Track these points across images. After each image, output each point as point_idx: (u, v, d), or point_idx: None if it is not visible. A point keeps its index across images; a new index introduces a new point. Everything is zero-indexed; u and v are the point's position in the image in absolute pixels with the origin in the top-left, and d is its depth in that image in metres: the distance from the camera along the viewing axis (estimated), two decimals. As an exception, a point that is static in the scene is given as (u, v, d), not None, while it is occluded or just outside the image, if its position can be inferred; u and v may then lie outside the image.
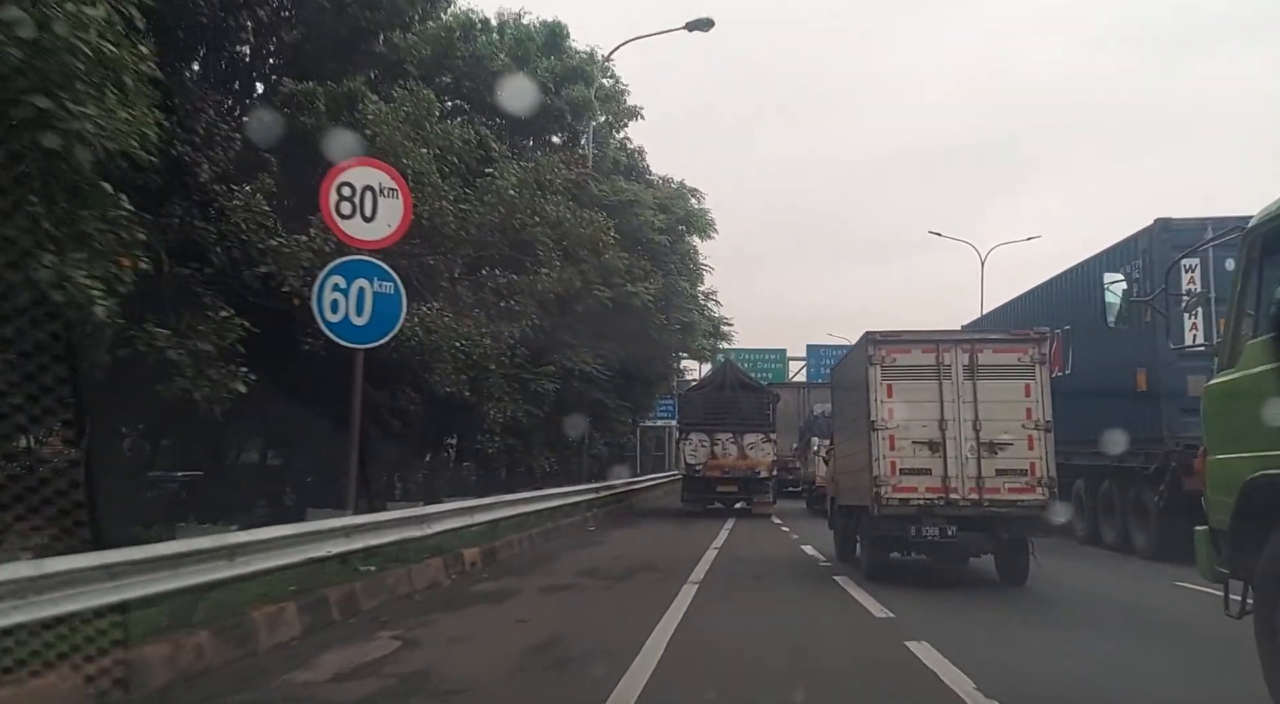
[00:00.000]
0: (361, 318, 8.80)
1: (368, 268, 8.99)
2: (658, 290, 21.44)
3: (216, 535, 6.74)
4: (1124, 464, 13.09)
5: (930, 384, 9.97)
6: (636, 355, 22.70)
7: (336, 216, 8.86)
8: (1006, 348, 10.02)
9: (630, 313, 20.61)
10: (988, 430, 9.75)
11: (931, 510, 9.72)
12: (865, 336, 10.31)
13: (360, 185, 8.90)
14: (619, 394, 23.23)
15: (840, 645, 6.98)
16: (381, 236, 9.04)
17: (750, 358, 41.90)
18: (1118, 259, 13.38)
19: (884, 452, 9.87)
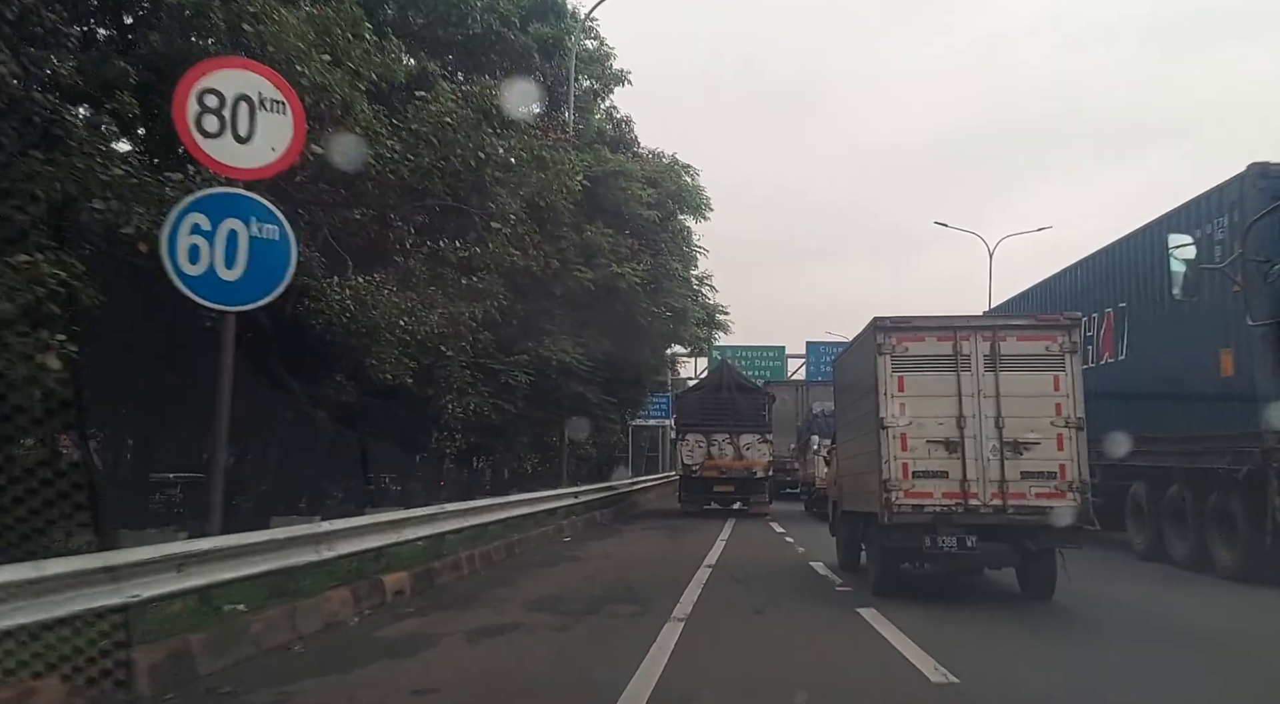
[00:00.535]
0: (233, 271, 6.77)
1: (243, 204, 6.92)
2: (646, 272, 20.02)
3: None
4: (1200, 465, 11.19)
5: (947, 376, 9.13)
6: (623, 345, 21.32)
7: (196, 134, 6.79)
8: (1033, 335, 9.09)
9: (615, 297, 19.28)
10: (1012, 428, 8.91)
11: (949, 518, 8.85)
12: (873, 323, 9.35)
13: (231, 94, 6.86)
14: (604, 388, 21.67)
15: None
16: (262, 163, 7.06)
17: (748, 355, 41.34)
18: (1195, 218, 11.29)
19: (895, 452, 9.03)
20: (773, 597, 9.75)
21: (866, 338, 9.83)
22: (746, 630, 8.00)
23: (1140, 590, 10.26)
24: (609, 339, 20.21)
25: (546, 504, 17.11)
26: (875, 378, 9.26)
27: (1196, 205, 11.37)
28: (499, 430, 17.03)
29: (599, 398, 21.43)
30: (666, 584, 10.23)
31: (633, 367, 23.78)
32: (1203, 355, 10.98)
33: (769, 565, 12.89)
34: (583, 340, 18.88)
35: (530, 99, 17.34)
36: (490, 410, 14.87)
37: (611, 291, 19.06)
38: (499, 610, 8.69)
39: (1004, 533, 8.92)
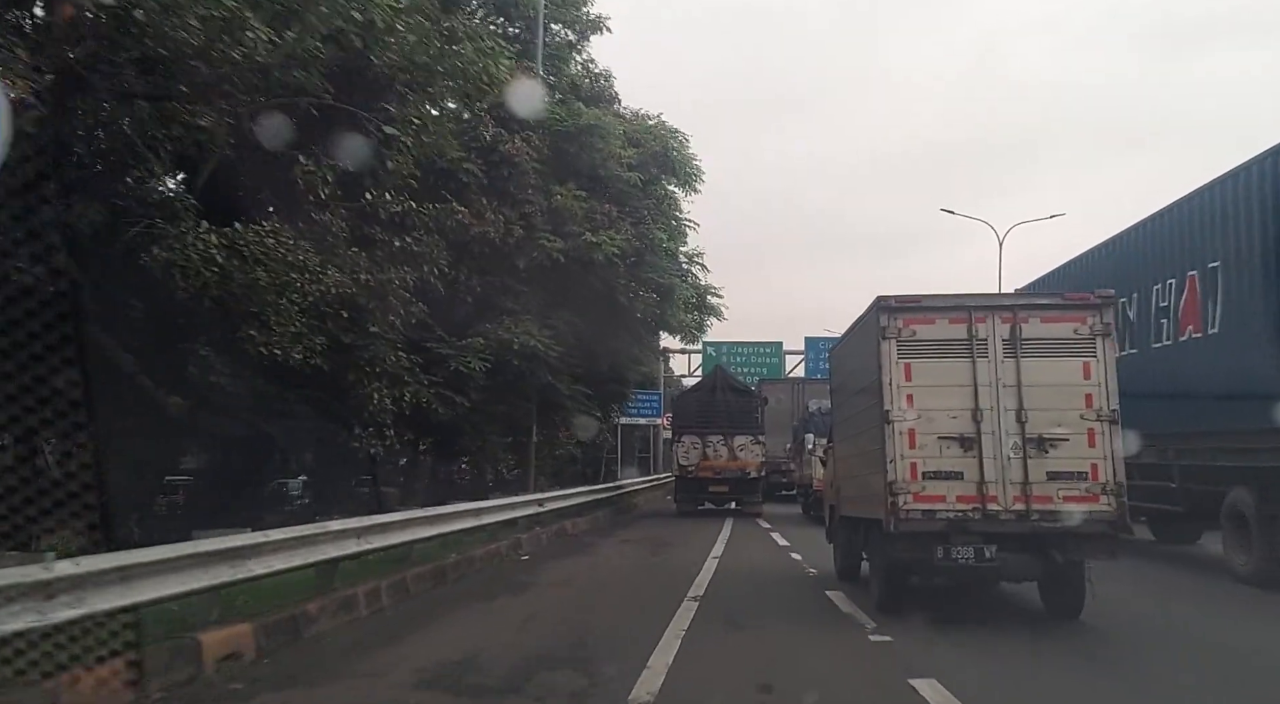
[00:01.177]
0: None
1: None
2: (626, 242, 17.93)
3: None
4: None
5: (961, 363, 8.25)
6: (601, 329, 19.46)
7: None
8: (1059, 316, 8.17)
9: (590, 271, 17.31)
10: (1036, 422, 8.05)
11: (964, 526, 7.95)
12: (876, 303, 8.40)
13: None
14: (580, 380, 19.91)
15: None
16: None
17: (743, 351, 40.46)
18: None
19: (902, 450, 8.15)
20: (787, 654, 7.25)
21: (868, 321, 8.86)
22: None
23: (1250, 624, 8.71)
24: (583, 321, 18.17)
25: (499, 515, 14.73)
26: (878, 366, 8.32)
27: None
28: (450, 428, 15.08)
29: (572, 390, 19.43)
30: (634, 632, 7.72)
31: (613, 355, 21.81)
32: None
33: (775, 596, 10.58)
34: (552, 322, 16.84)
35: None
36: (436, 403, 13.09)
37: (585, 265, 17.03)
38: (365, 691, 6.03)
39: (1027, 542, 8.05)
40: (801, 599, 10.15)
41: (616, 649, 7.07)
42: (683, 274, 23.22)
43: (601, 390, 22.94)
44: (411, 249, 11.36)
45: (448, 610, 9.30)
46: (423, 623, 8.54)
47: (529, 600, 10.03)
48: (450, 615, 9.04)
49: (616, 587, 11.49)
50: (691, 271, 24.17)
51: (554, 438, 22.53)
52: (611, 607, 9.82)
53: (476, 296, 14.23)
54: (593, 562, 14.04)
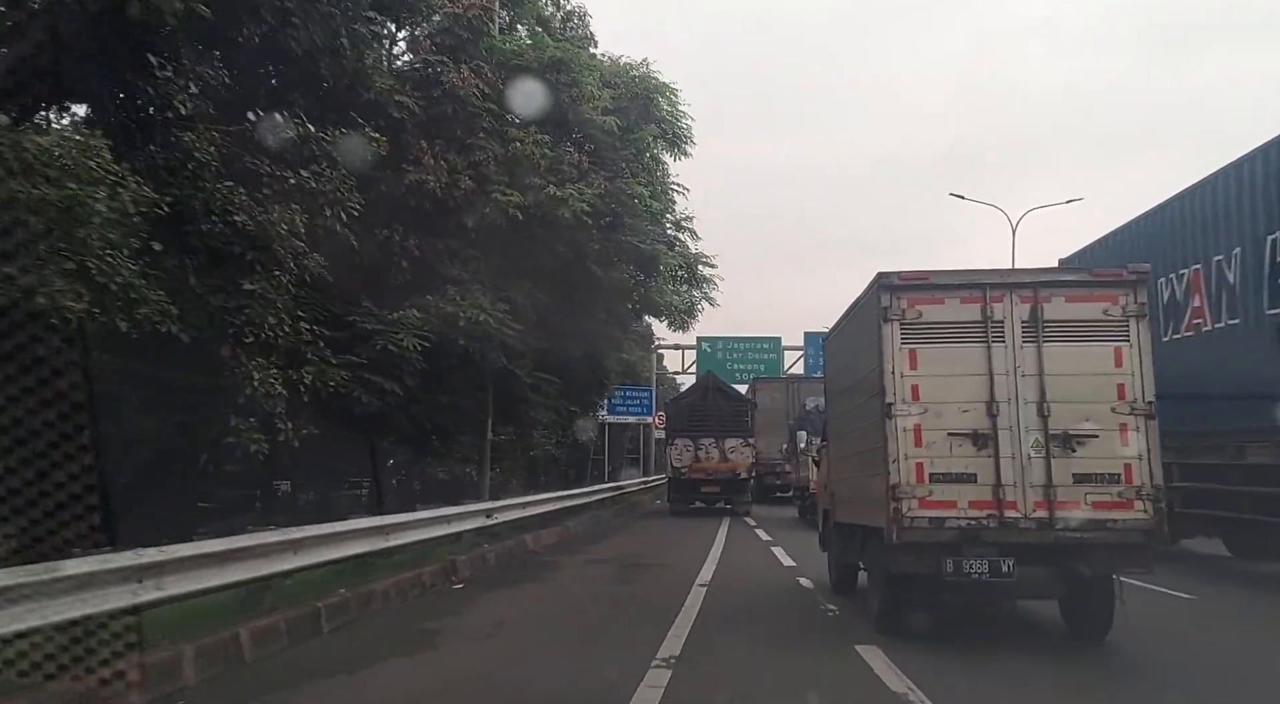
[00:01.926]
0: None
1: None
2: (599, 199, 15.27)
3: None
4: None
5: (974, 349, 7.44)
6: (569, 304, 16.90)
7: None
8: (1087, 294, 7.34)
9: (555, 232, 14.76)
10: (1060, 416, 7.24)
11: (977, 535, 7.12)
12: (877, 280, 7.56)
13: None
14: (547, 366, 17.49)
15: None
16: None
17: (740, 348, 39.58)
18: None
19: (906, 448, 7.35)
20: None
21: (867, 302, 8.00)
22: None
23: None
24: (548, 295, 15.70)
25: (420, 532, 11.65)
26: (879, 353, 7.49)
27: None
28: (380, 420, 12.63)
29: (535, 378, 16.94)
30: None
31: (586, 338, 19.10)
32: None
33: (785, 654, 7.40)
34: (508, 295, 14.42)
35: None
36: (358, 389, 11.12)
37: (549, 225, 14.49)
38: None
39: (1050, 555, 7.24)
40: (827, 661, 7.20)
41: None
42: (668, 240, 20.53)
43: (574, 380, 20.30)
44: (309, 186, 9.39)
45: (294, 686, 6.26)
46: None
47: (419, 669, 6.87)
48: (293, 696, 6.07)
49: (562, 638, 8.17)
50: (679, 239, 21.39)
51: (527, 436, 20.55)
52: (544, 677, 6.66)
53: (414, 261, 12.29)
54: (544, 593, 11.15)
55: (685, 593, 10.20)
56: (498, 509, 15.28)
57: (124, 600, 5.71)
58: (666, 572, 12.66)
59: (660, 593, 10.55)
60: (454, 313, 12.65)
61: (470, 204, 12.73)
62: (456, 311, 12.68)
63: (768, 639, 7.96)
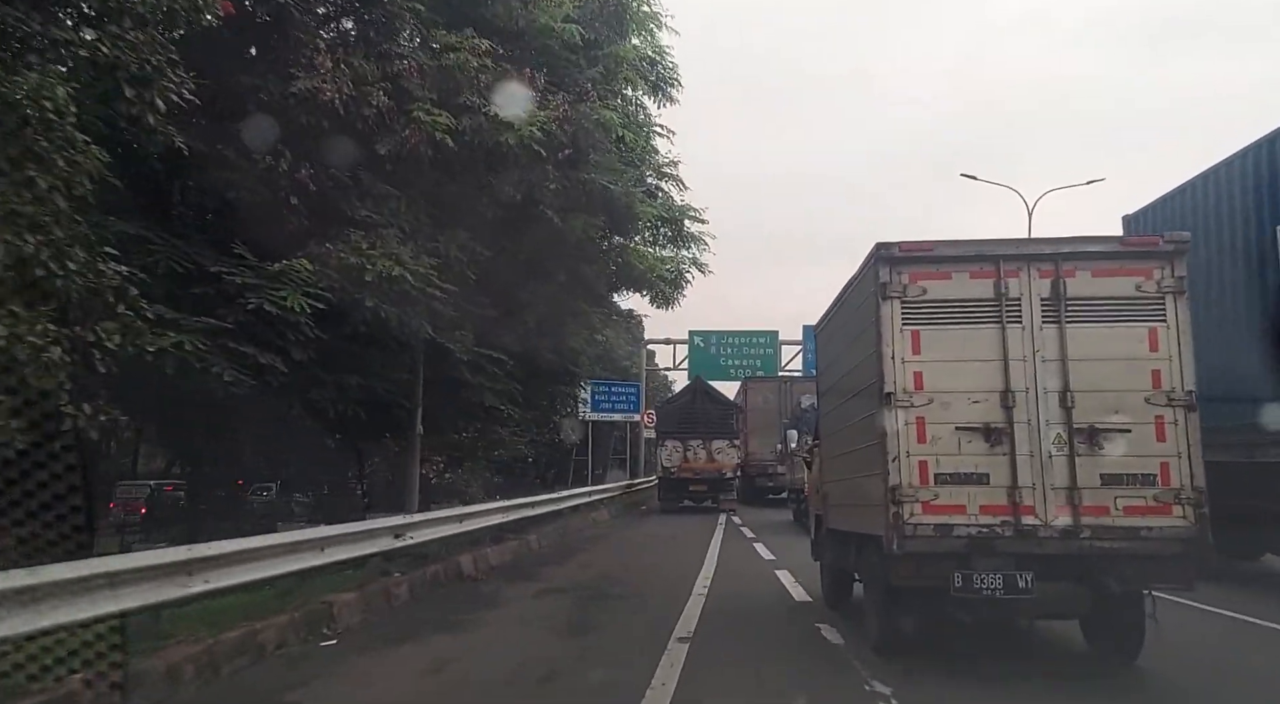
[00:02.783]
0: None
1: None
2: (555, 123, 11.81)
3: None
4: None
5: (986, 331, 6.60)
6: (519, 260, 13.99)
7: None
8: (1117, 268, 6.50)
9: (499, 165, 11.88)
10: (1086, 408, 6.39)
11: (991, 545, 6.30)
12: (875, 252, 6.73)
13: None
14: (493, 342, 14.32)
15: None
16: None
17: (735, 343, 38.28)
18: None
19: (908, 445, 6.50)
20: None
21: (863, 277, 7.17)
22: None
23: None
24: (490, 246, 12.66)
25: (248, 571, 7.62)
26: (877, 335, 6.65)
27: None
28: (257, 405, 10.26)
29: (474, 355, 13.71)
30: None
31: (544, 306, 15.77)
32: None
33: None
34: (436, 246, 11.58)
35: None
36: (217, 362, 8.60)
37: (491, 157, 11.60)
38: None
39: (1074, 568, 6.38)
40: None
41: None
42: (649, 187, 17.23)
43: (532, 362, 17.01)
44: (102, 52, 6.65)
45: None
46: None
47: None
48: None
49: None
50: (662, 188, 17.79)
51: (491, 434, 18.63)
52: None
53: (309, 198, 9.46)
54: (447, 656, 7.44)
55: (659, 652, 7.16)
56: (415, 526, 11.76)
57: None
58: (639, 611, 9.80)
59: (624, 649, 7.61)
60: (357, 264, 9.68)
61: (385, 126, 9.97)
62: (362, 263, 9.72)
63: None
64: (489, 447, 19.90)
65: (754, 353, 38.11)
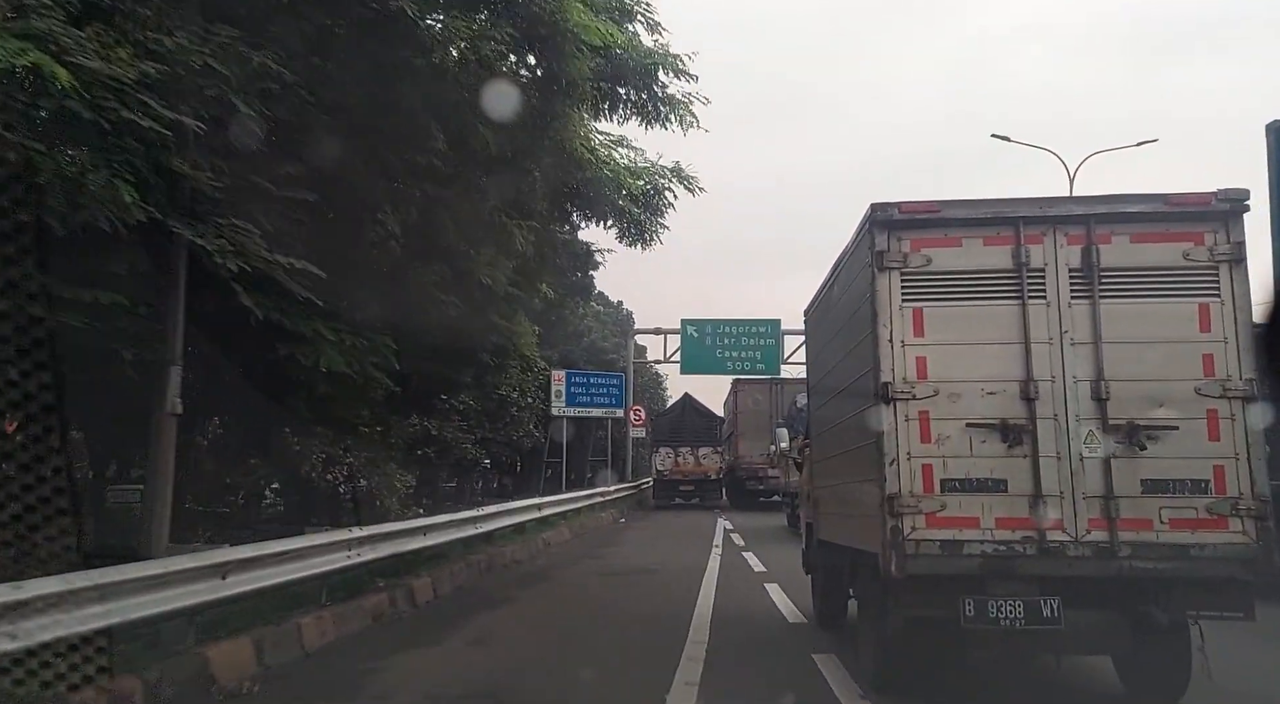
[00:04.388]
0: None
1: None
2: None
3: None
4: None
5: (1003, 308, 5.69)
6: (356, 107, 9.18)
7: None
8: (1161, 231, 5.63)
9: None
10: (1124, 400, 5.47)
11: (1009, 565, 5.40)
12: (870, 214, 5.78)
13: None
14: (341, 268, 9.23)
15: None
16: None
17: (733, 332, 33.94)
18: None
19: (909, 446, 5.61)
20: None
21: (858, 246, 6.26)
22: None
23: None
24: (296, 68, 7.97)
25: None
26: (872, 314, 5.73)
27: None
28: None
29: (261, 268, 7.77)
30: None
31: (413, 206, 10.67)
32: None
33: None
34: (159, 37, 6.82)
35: None
36: None
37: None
38: None
39: (1111, 593, 5.45)
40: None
41: None
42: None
43: (416, 315, 11.23)
44: None
45: None
46: None
47: None
48: None
49: None
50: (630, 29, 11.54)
51: (387, 421, 13.49)
52: None
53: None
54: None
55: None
56: (233, 565, 7.12)
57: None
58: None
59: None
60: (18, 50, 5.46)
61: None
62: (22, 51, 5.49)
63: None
64: (411, 446, 15.43)
65: (753, 344, 35.03)
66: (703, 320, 35.45)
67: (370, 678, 6.92)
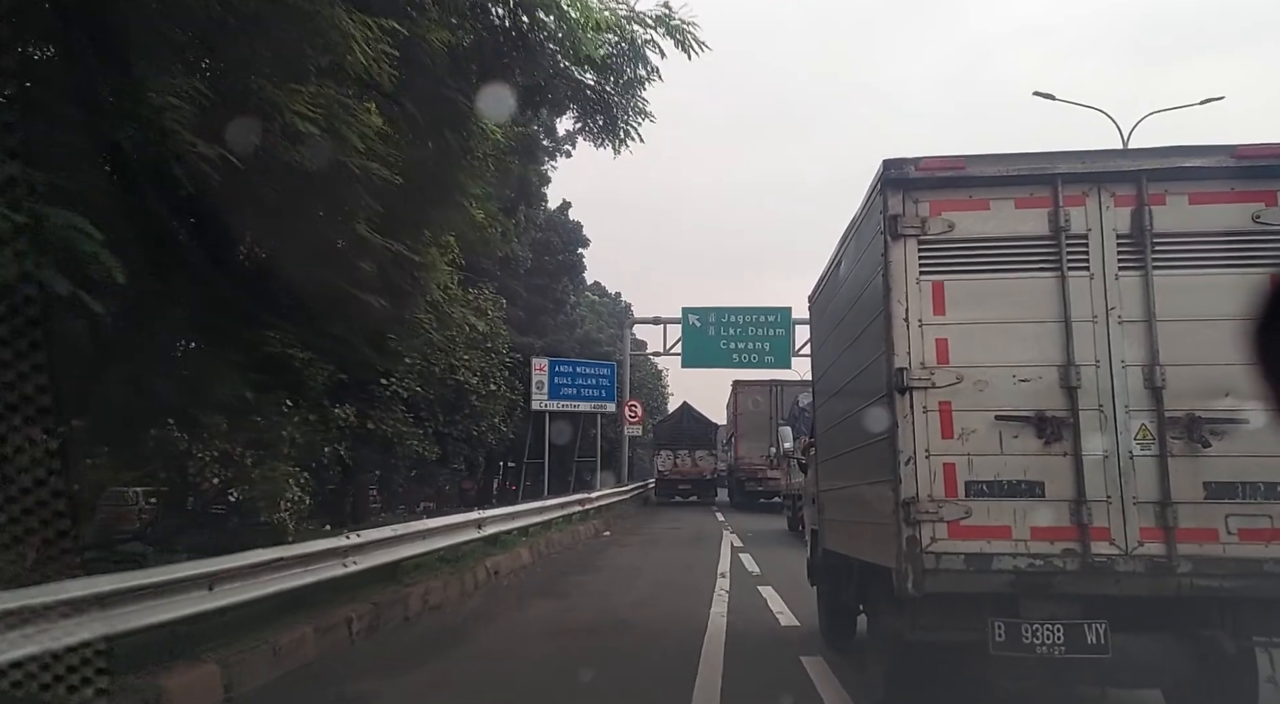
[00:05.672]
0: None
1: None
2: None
3: None
4: None
5: (1040, 282, 5.01)
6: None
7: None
8: (1224, 191, 4.99)
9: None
10: (1182, 389, 4.77)
11: (1046, 583, 4.78)
12: (883, 172, 5.07)
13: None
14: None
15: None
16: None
17: (739, 321, 33.17)
18: None
19: (928, 441, 4.92)
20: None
21: (869, 211, 5.55)
22: None
23: None
24: None
25: None
26: (885, 288, 5.03)
27: None
28: None
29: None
30: None
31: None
32: None
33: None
34: None
35: None
36: None
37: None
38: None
39: (1168, 615, 4.73)
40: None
41: None
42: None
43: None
44: None
45: None
46: None
47: None
48: None
49: None
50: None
51: (301, 402, 9.92)
52: None
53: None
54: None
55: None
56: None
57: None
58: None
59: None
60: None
61: None
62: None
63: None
64: (318, 432, 11.00)
65: (761, 335, 33.29)
66: (705, 308, 33.71)
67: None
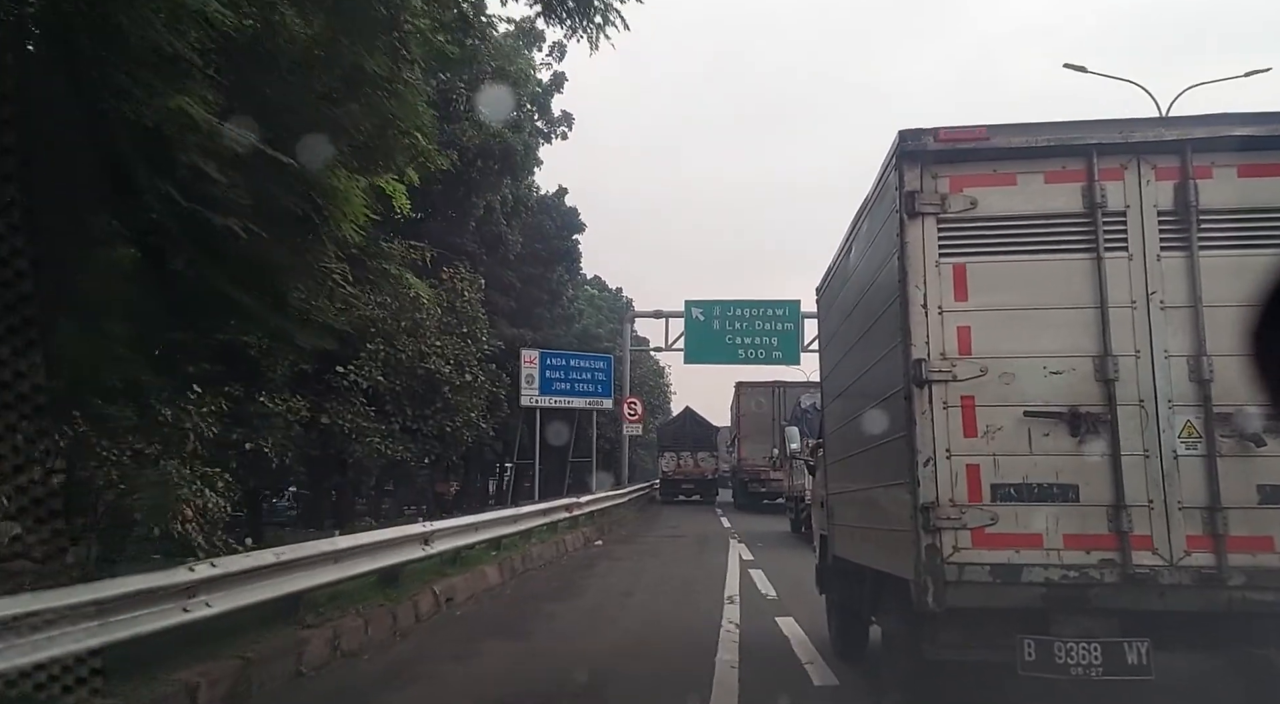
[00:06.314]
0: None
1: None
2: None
3: None
4: None
5: (1073, 264, 4.64)
6: None
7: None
8: (1278, 164, 4.47)
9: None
10: (1232, 381, 4.34)
11: (1082, 597, 4.41)
12: (899, 143, 4.69)
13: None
14: None
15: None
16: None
17: (745, 314, 31.78)
18: None
19: (949, 439, 4.55)
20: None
21: (883, 188, 5.17)
22: None
23: None
24: None
25: None
26: (902, 272, 4.66)
27: None
28: None
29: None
30: None
31: None
32: None
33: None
34: None
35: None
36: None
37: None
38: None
39: (1217, 632, 4.34)
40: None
41: None
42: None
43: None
44: None
45: None
46: None
47: None
48: None
49: None
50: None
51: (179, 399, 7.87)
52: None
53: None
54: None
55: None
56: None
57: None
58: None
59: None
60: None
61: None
62: None
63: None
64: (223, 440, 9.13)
65: (768, 329, 31.84)
66: (710, 302, 32.31)
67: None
